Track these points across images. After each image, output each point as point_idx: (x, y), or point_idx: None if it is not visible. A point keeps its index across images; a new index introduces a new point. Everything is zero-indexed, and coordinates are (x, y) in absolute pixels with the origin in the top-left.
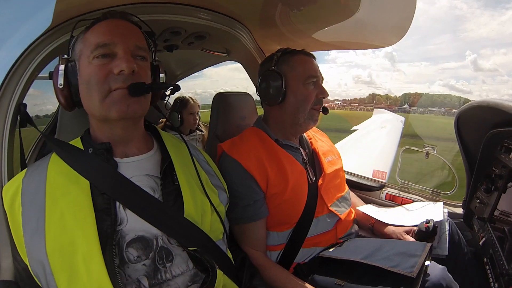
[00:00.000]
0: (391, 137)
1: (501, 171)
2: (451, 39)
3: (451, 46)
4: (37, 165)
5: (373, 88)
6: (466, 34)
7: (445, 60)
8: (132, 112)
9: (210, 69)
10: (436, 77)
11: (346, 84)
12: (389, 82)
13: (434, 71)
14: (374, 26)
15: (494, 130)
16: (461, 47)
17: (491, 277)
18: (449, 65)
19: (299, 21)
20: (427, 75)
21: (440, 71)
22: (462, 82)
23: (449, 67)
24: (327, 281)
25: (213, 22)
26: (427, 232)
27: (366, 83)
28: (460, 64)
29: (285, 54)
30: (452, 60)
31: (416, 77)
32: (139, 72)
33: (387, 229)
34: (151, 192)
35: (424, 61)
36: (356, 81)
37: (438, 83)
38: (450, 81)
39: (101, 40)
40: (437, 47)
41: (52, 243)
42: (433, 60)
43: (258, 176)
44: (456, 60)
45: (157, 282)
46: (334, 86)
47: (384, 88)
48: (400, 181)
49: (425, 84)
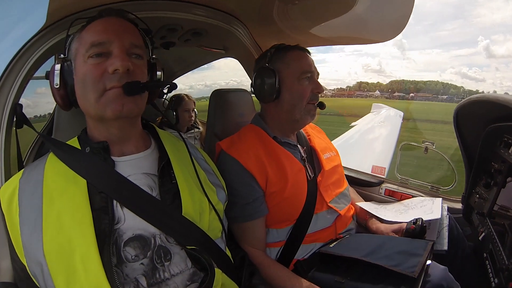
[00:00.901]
0: (390, 132)
1: (501, 166)
2: (463, 25)
3: (464, 32)
4: (34, 165)
5: (383, 77)
6: (479, 19)
7: (458, 47)
8: (128, 111)
9: (219, 60)
10: (448, 64)
11: (356, 73)
12: (400, 71)
13: (446, 58)
14: (372, 20)
15: (493, 125)
16: (474, 33)
17: (491, 272)
18: (462, 52)
19: (296, 17)
20: (439, 63)
21: (453, 58)
22: (474, 70)
23: (462, 54)
24: (327, 278)
25: (210, 18)
26: (413, 233)
27: (376, 71)
28: (473, 51)
29: (279, 50)
30: (465, 47)
31: (427, 65)
32: (135, 71)
33: (377, 228)
34: (148, 190)
35: (436, 48)
36: (365, 69)
37: (450, 71)
38: (462, 68)
39: (96, 38)
40: (449, 33)
41: (50, 243)
42: (445, 47)
43: (257, 175)
44: (469, 47)
45: (156, 282)
46: (344, 75)
47: (395, 77)
48: (399, 177)
49: (436, 72)
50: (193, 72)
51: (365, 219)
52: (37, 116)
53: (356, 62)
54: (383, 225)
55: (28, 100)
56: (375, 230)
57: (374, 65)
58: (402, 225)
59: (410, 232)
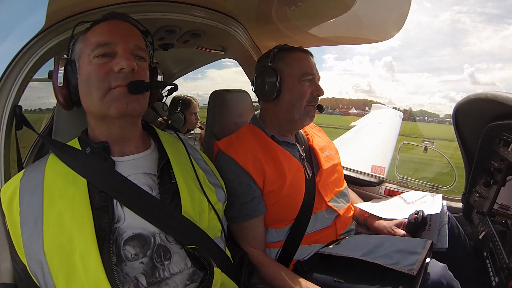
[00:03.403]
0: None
1: (500, 165)
2: (453, 52)
3: (454, 59)
4: (34, 165)
5: (373, 98)
6: (468, 48)
7: (448, 72)
8: (131, 109)
9: (213, 71)
10: (436, 88)
11: (347, 92)
12: (390, 92)
13: (436, 82)
14: (371, 20)
15: (493, 123)
16: (462, 60)
17: (491, 271)
18: (451, 77)
19: (295, 17)
20: (428, 86)
21: (442, 82)
22: (461, 94)
23: (451, 79)
24: (326, 278)
25: (208, 19)
26: (416, 223)
27: (366, 92)
28: (461, 77)
29: (282, 50)
30: (454, 73)
31: (417, 87)
32: (139, 71)
33: (378, 224)
34: (148, 190)
35: (426, 72)
36: (355, 89)
37: (438, 94)
38: (450, 92)
39: (102, 39)
40: (440, 59)
41: (50, 242)
42: (435, 71)
43: (254, 174)
44: (457, 73)
45: (155, 281)
46: (335, 94)
47: (385, 98)
48: (399, 176)
49: (425, 95)
50: (186, 81)
51: (365, 217)
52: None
53: (345, 82)
54: (383, 221)
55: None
56: (377, 226)
57: (364, 85)
58: (403, 220)
59: (412, 223)
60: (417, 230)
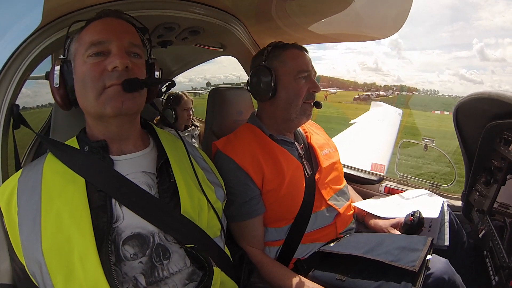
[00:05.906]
0: (389, 130)
1: (501, 163)
2: (464, 27)
3: (464, 34)
4: (33, 165)
5: (381, 75)
6: (479, 22)
7: (459, 48)
8: (127, 108)
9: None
10: (446, 65)
11: (355, 70)
12: (398, 70)
13: (446, 59)
14: (371, 17)
15: (494, 122)
16: (474, 35)
17: (491, 270)
18: (462, 54)
19: (295, 14)
20: (438, 64)
21: (453, 59)
22: (471, 72)
23: (462, 56)
24: (328, 276)
25: (207, 16)
26: (412, 225)
27: (373, 70)
28: (471, 54)
29: (275, 48)
30: (465, 49)
31: (426, 65)
32: (134, 69)
33: (375, 224)
34: (147, 189)
35: (436, 49)
36: (362, 67)
37: (448, 72)
38: (460, 70)
39: (95, 38)
40: (450, 34)
41: (49, 242)
42: (446, 48)
43: (253, 173)
44: (468, 49)
45: (154, 280)
46: (343, 73)
47: (393, 76)
48: (399, 174)
49: (434, 73)
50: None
51: (363, 215)
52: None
53: (352, 60)
54: (381, 220)
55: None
56: (374, 225)
57: (370, 63)
58: (400, 219)
59: (408, 224)
60: (413, 232)
